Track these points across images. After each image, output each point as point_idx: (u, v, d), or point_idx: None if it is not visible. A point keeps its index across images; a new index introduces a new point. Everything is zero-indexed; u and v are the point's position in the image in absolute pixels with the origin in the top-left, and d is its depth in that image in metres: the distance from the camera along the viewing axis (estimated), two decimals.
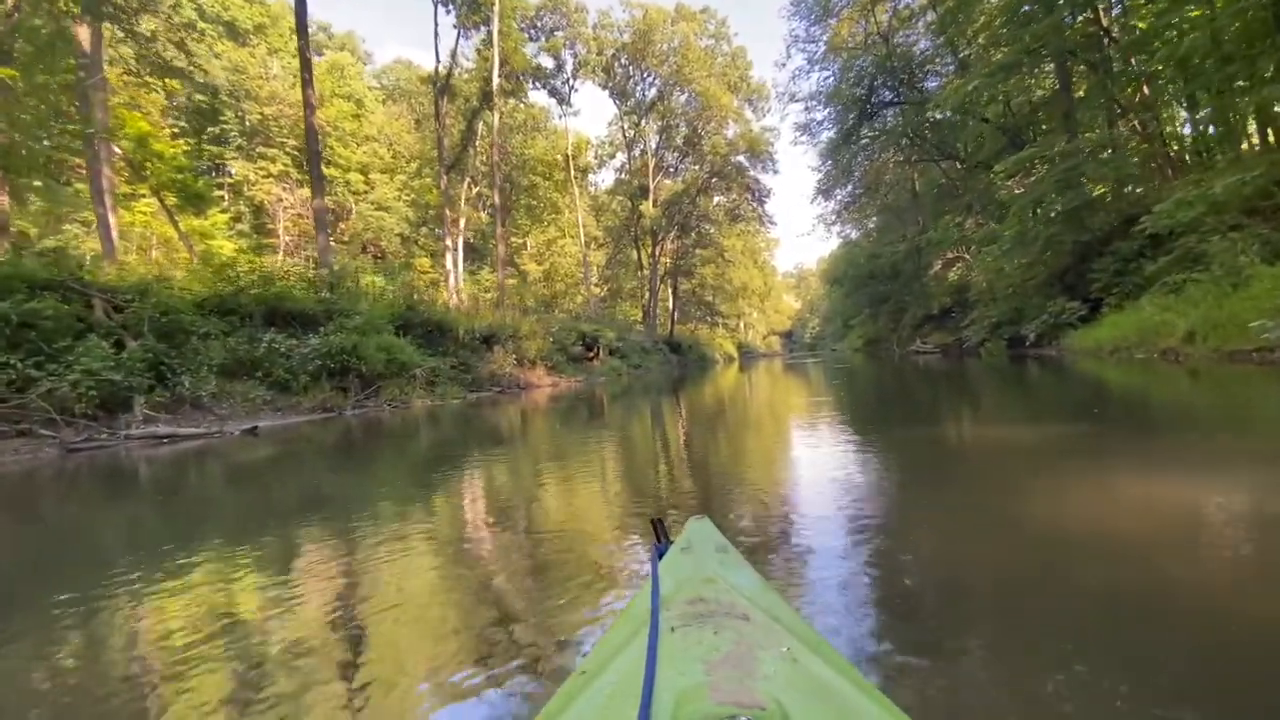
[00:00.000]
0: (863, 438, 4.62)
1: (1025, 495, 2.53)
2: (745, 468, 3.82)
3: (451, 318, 13.20)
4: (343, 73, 39.40)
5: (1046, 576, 1.63)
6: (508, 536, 2.41)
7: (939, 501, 2.57)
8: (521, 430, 6.46)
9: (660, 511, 2.48)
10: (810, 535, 2.07)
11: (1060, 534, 1.96)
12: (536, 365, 14.88)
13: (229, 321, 8.24)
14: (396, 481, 3.89)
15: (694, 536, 0.98)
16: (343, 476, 4.14)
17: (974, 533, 2.07)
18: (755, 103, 35.37)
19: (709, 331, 47.76)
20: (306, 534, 2.62)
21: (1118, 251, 12.20)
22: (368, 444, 5.66)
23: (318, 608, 1.71)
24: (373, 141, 37.95)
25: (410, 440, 5.98)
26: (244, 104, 32.63)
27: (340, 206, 36.26)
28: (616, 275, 41.69)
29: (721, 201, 37.58)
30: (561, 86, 30.67)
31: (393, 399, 8.98)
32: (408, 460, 4.84)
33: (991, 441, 4.17)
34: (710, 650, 0.56)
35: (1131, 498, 2.32)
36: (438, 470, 4.18)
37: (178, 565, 2.17)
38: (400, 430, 6.69)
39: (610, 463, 4.18)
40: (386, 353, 9.29)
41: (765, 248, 65.35)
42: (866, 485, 2.89)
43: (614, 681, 0.56)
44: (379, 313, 10.08)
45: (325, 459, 5.08)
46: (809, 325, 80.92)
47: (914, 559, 1.84)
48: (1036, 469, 3.02)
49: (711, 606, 0.67)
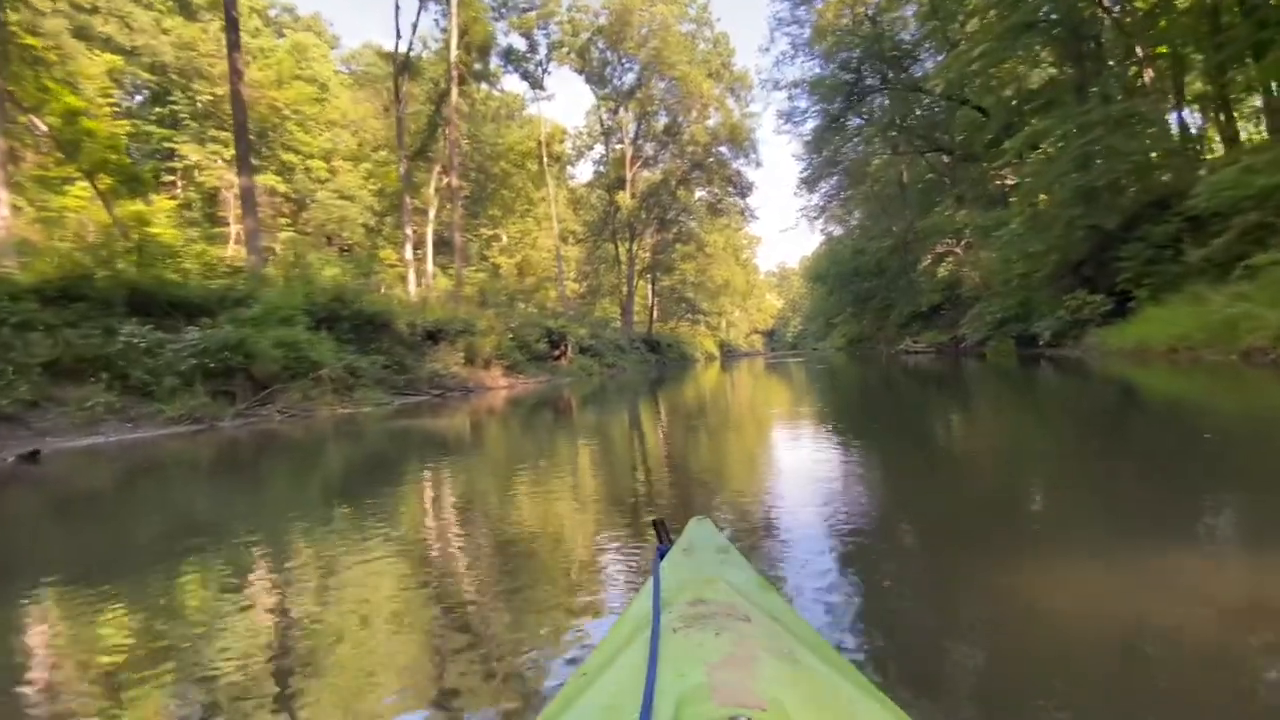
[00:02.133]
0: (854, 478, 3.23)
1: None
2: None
3: (390, 310, 11.63)
4: (305, 54, 37.31)
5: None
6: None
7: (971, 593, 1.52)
8: (426, 452, 4.99)
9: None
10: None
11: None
12: (491, 365, 13.36)
13: (76, 310, 6.63)
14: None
15: (695, 537, 0.98)
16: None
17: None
18: (738, 91, 34.08)
19: (690, 329, 46.44)
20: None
21: (1148, 237, 10.83)
22: (184, 476, 4.15)
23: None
24: (337, 127, 35.94)
25: (239, 472, 4.48)
26: (195, 83, 30.48)
27: (300, 194, 34.28)
28: (597, 271, 40.17)
29: (703, 196, 36.26)
30: (534, 69, 29.05)
31: (291, 406, 7.43)
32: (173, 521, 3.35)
33: (1033, 488, 2.81)
34: (711, 651, 0.55)
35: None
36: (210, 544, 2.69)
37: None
38: (266, 448, 5.18)
39: (536, 509, 2.74)
40: (288, 349, 7.73)
41: (747, 245, 64.37)
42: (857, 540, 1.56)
43: (615, 682, 0.56)
44: (284, 301, 8.47)
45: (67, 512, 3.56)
46: (791, 324, 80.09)
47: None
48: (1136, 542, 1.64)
49: (713, 608, 0.66)
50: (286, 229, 33.38)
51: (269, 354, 7.38)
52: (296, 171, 33.47)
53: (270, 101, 32.78)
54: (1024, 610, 1.42)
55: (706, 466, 3.76)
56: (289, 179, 33.49)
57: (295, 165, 33.53)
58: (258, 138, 33.39)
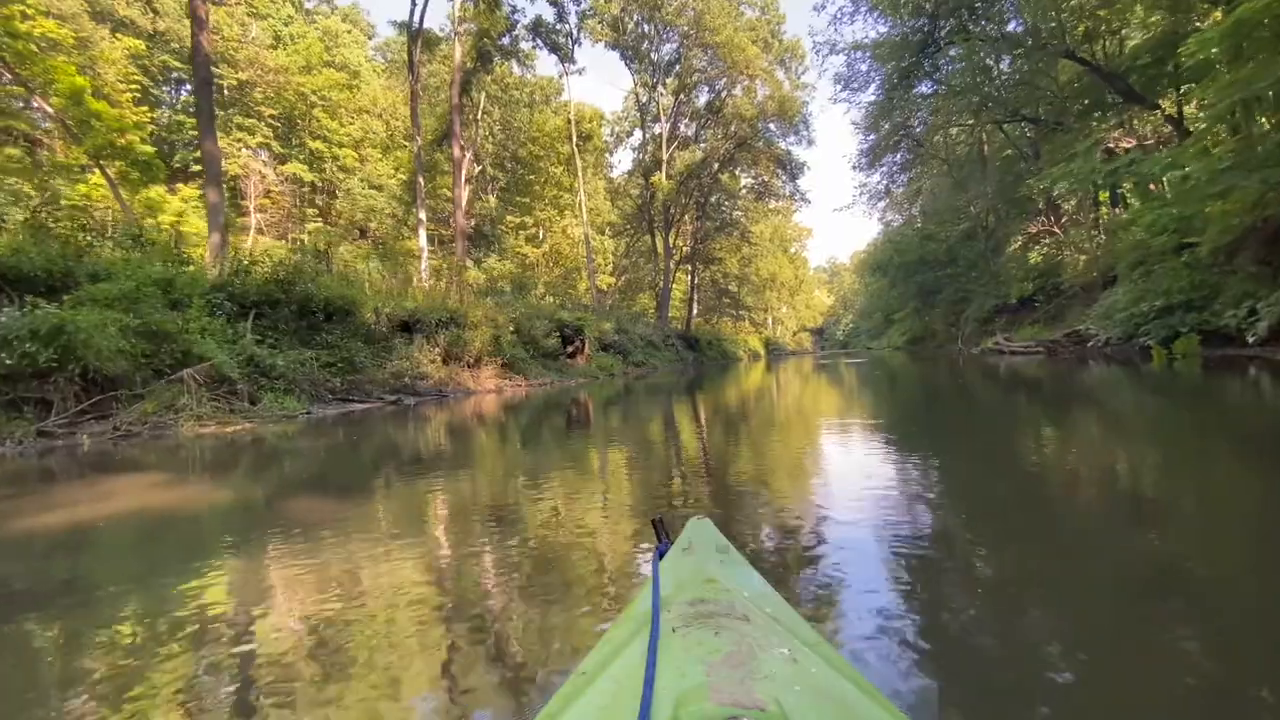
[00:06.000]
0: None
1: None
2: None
3: (351, 296, 9.41)
4: (336, 40, 36.28)
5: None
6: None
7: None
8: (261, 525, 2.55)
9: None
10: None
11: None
12: (482, 363, 11.02)
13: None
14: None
15: (695, 537, 0.97)
16: None
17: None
18: (788, 63, 30.83)
19: (732, 326, 43.37)
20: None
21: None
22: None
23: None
24: (366, 115, 34.68)
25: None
26: (219, 68, 29.57)
27: (328, 184, 33.20)
28: (635, 264, 37.62)
29: (748, 182, 33.12)
30: (564, 41, 26.68)
31: (141, 420, 5.19)
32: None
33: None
34: (711, 651, 0.55)
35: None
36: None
37: None
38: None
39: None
40: (143, 341, 5.51)
41: (796, 237, 60.48)
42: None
43: (614, 682, 0.56)
44: (139, 274, 6.21)
45: None
46: (842, 322, 75.59)
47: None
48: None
49: (712, 607, 0.66)
50: (315, 220, 32.39)
51: (107, 347, 5.15)
52: (325, 160, 32.37)
53: (297, 88, 31.79)
54: None
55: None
56: (318, 169, 32.43)
57: (324, 154, 32.40)
58: (286, 125, 32.52)
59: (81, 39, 24.35)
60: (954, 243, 24.22)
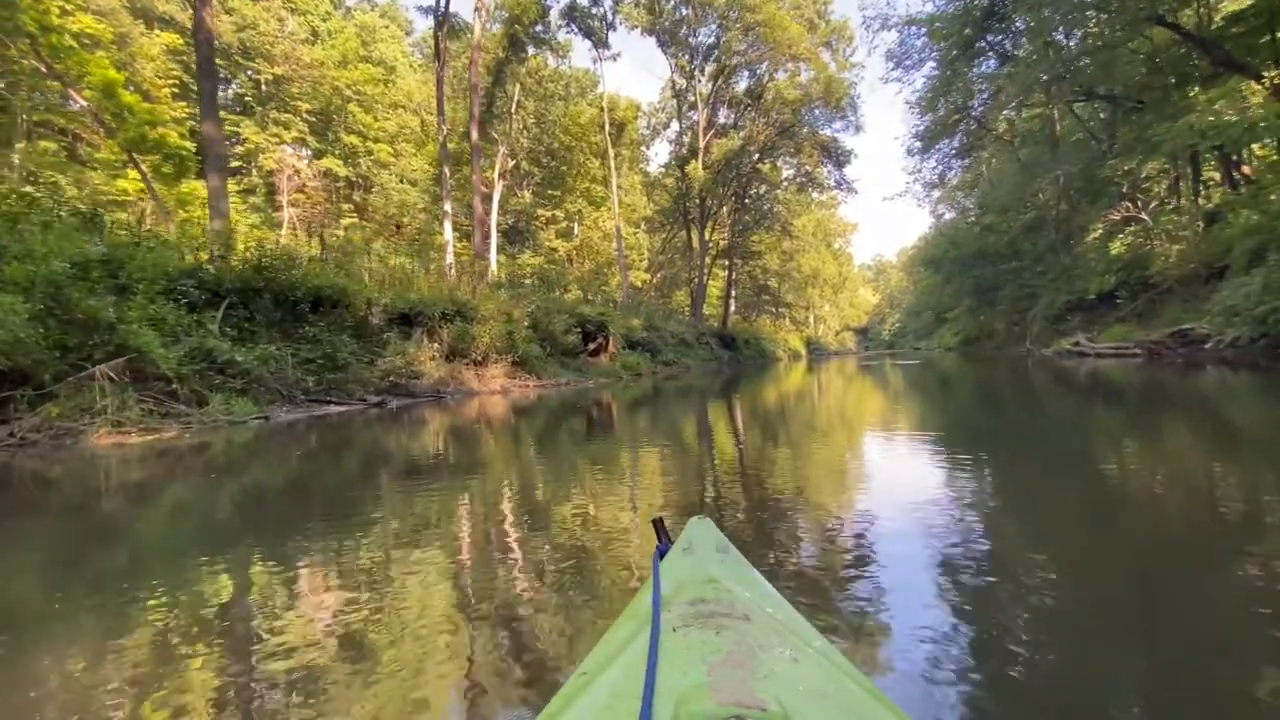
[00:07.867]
0: None
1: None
2: None
3: (342, 286, 8.53)
4: (373, 34, 36.20)
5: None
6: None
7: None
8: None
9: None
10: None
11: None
12: (489, 361, 10.02)
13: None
14: None
15: (695, 537, 0.95)
16: None
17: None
18: (835, 45, 28.95)
19: (772, 324, 41.58)
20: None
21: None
22: None
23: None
24: (400, 109, 34.42)
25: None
26: (255, 63, 29.71)
27: (363, 180, 33.10)
28: (671, 260, 36.33)
29: (789, 173, 31.36)
30: (598, 25, 25.61)
31: (45, 424, 4.31)
32: None
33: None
34: (712, 651, 0.54)
35: None
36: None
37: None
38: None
39: None
40: (74, 332, 4.64)
41: (840, 231, 57.92)
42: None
43: (615, 682, 0.55)
44: (92, 254, 5.38)
45: None
46: (888, 321, 72.29)
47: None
48: None
49: (713, 607, 0.65)
50: (350, 215, 32.31)
51: (9, 338, 4.28)
52: (360, 156, 32.26)
53: (333, 83, 31.73)
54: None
55: None
56: (353, 164, 32.35)
57: (359, 149, 32.28)
58: (322, 120, 32.53)
59: (120, 34, 24.54)
60: (1017, 234, 22.04)
